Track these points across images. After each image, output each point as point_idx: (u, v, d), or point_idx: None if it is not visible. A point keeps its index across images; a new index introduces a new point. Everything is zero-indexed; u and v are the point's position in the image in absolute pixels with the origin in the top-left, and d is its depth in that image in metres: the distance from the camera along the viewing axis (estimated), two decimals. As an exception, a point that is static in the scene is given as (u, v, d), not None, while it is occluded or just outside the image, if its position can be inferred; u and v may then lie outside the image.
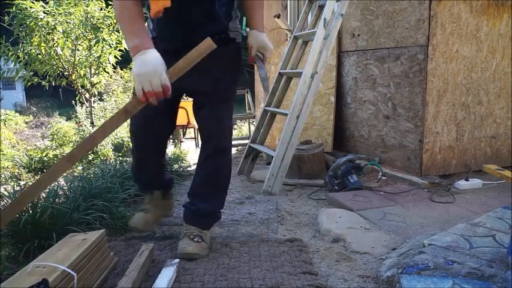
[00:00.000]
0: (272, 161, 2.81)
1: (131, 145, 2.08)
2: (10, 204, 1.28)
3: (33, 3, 4.73)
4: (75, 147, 1.40)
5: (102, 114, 6.53)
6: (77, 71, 5.30)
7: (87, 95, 5.63)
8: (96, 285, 1.43)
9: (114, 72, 5.52)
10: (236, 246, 1.80)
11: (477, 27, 2.75)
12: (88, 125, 5.03)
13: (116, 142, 4.50)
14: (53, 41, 4.97)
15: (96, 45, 5.10)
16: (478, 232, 1.63)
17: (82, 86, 5.52)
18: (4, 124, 9.52)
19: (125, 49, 5.10)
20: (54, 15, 4.85)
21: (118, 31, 5.13)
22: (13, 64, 5.03)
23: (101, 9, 5.19)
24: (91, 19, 5.01)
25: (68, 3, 4.97)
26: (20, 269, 1.30)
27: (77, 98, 5.71)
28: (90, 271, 1.41)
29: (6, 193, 1.97)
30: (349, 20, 3.44)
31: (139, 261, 1.51)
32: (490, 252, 1.45)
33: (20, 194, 1.31)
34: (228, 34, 1.70)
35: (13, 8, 4.65)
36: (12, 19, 4.74)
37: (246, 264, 1.62)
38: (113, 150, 4.20)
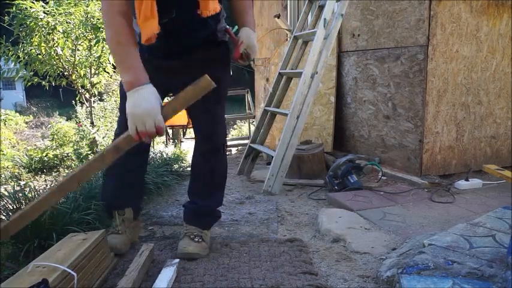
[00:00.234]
0: (272, 161, 2.81)
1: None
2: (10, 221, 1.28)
3: (33, 3, 4.72)
4: (60, 182, 1.30)
5: (102, 114, 6.52)
6: (77, 71, 5.29)
7: (87, 95, 5.62)
8: (96, 285, 1.43)
9: (114, 72, 5.50)
10: (236, 246, 1.80)
11: (477, 27, 2.75)
12: (88, 125, 5.03)
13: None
14: (53, 41, 4.96)
15: (96, 45, 5.09)
16: (478, 232, 1.63)
17: (82, 86, 5.51)
18: (4, 124, 9.52)
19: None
20: (54, 15, 4.84)
21: None
22: (13, 64, 5.02)
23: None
24: (91, 19, 5.00)
25: (68, 3, 4.96)
26: (20, 269, 1.30)
27: (77, 98, 5.72)
28: (90, 271, 1.41)
29: (6, 193, 1.96)
30: (349, 20, 3.44)
31: (139, 261, 1.51)
32: (490, 252, 1.45)
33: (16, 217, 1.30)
34: (217, 35, 1.67)
35: (13, 8, 4.64)
36: (12, 19, 4.73)
37: (246, 264, 1.62)
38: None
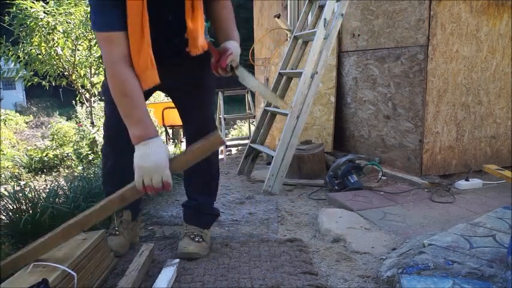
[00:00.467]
0: (272, 161, 2.81)
1: (103, 150, 1.82)
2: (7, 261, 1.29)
3: (33, 3, 4.72)
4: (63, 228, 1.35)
5: (102, 114, 6.51)
6: (77, 71, 5.29)
7: (87, 95, 5.62)
8: (96, 285, 1.43)
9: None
10: (236, 246, 1.80)
11: (477, 27, 2.75)
12: (88, 125, 5.02)
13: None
14: (53, 41, 4.96)
15: (96, 45, 5.09)
16: (478, 232, 1.63)
17: (82, 86, 5.51)
18: (4, 124, 9.52)
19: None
20: (54, 15, 4.84)
21: None
22: (13, 64, 5.02)
23: None
24: (91, 19, 5.00)
25: (68, 3, 4.96)
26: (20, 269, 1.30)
27: (77, 98, 5.71)
28: (90, 271, 1.41)
29: (6, 193, 1.96)
30: (349, 20, 3.44)
31: (139, 261, 1.51)
32: (490, 252, 1.45)
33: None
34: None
35: (13, 8, 4.64)
36: (12, 19, 4.73)
37: (246, 264, 1.62)
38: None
